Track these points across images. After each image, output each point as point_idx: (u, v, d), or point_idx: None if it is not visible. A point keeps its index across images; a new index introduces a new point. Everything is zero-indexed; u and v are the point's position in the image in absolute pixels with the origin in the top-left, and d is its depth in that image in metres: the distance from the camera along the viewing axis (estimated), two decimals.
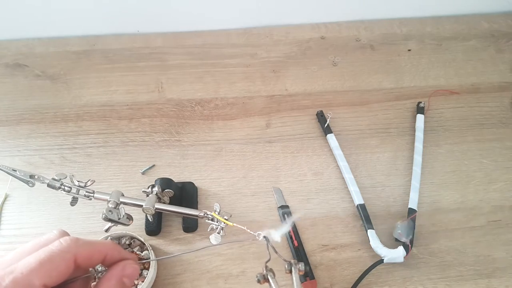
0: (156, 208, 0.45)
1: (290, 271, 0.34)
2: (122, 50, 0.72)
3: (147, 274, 0.46)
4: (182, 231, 0.53)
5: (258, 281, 0.33)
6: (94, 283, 0.33)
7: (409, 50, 0.73)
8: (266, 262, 0.34)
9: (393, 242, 0.52)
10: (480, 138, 0.62)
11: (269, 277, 0.33)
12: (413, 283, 0.50)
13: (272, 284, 0.33)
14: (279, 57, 0.72)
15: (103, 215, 0.43)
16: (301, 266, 0.34)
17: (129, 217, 0.45)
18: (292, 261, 0.35)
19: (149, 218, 0.51)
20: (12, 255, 0.28)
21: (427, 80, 0.69)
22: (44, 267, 0.26)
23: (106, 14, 0.71)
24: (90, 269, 0.32)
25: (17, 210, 0.55)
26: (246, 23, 0.75)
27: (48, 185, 0.42)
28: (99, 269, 0.35)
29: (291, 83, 0.68)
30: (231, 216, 0.44)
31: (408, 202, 0.55)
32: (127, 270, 0.31)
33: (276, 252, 0.35)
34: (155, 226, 0.52)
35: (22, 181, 0.41)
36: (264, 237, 0.37)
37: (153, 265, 0.47)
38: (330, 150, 0.60)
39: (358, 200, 0.55)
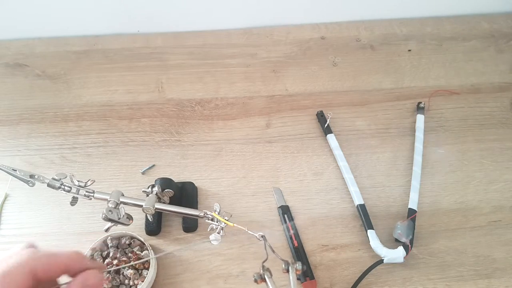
0: (156, 208, 0.46)
1: (287, 271, 0.35)
2: (122, 50, 0.72)
3: (147, 274, 0.46)
4: (182, 231, 0.53)
5: (255, 281, 0.33)
6: None
7: (409, 50, 0.73)
8: (263, 262, 0.34)
9: (393, 242, 0.52)
10: (480, 138, 0.62)
11: (266, 276, 0.34)
12: (413, 283, 0.50)
13: (269, 284, 0.33)
14: (279, 57, 0.72)
15: (103, 215, 0.43)
16: (298, 265, 0.35)
17: (129, 217, 0.45)
18: (290, 260, 0.35)
19: (149, 218, 0.51)
20: None
21: (427, 80, 0.69)
22: (2, 281, 0.27)
23: (106, 14, 0.71)
24: (58, 279, 0.32)
25: (17, 210, 0.55)
26: (246, 23, 0.75)
27: (48, 185, 0.42)
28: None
29: (291, 83, 0.68)
30: (231, 216, 0.45)
31: (408, 202, 0.54)
32: (90, 280, 0.31)
33: (273, 251, 0.36)
34: (155, 226, 0.52)
35: (22, 181, 0.41)
36: (262, 236, 0.37)
37: (153, 265, 0.47)
38: (330, 150, 0.60)
39: (358, 200, 0.54)
